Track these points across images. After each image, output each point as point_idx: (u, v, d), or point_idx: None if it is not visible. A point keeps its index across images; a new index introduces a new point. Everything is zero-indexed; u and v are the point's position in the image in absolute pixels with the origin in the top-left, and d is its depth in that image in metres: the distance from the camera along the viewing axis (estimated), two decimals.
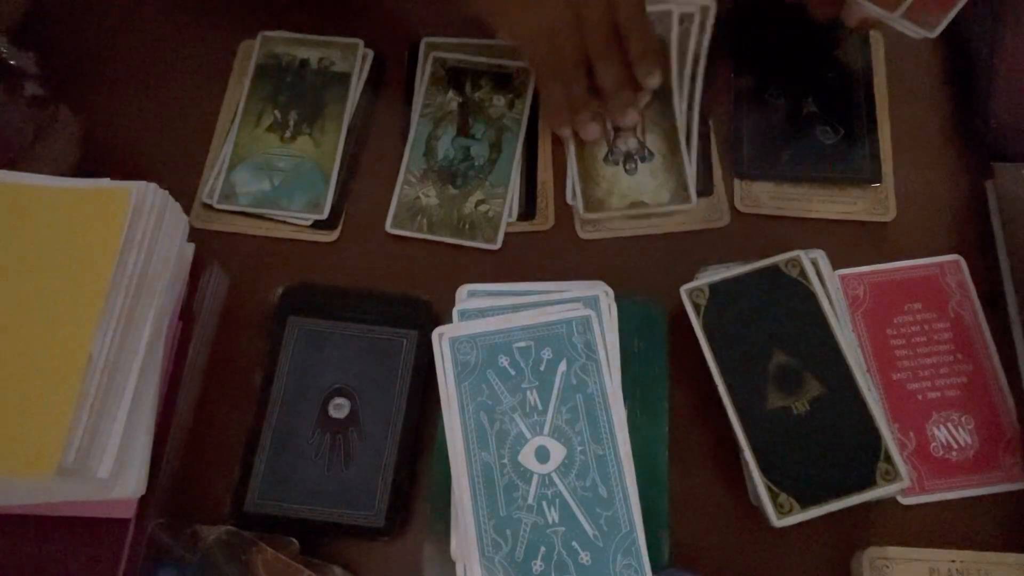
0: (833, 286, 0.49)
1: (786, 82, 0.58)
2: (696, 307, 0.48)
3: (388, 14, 0.62)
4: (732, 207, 0.56)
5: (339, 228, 0.56)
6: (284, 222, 0.56)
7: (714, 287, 0.49)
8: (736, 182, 0.57)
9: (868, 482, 0.45)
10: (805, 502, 0.44)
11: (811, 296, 0.48)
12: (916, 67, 0.60)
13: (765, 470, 0.45)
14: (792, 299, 0.48)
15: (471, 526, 0.43)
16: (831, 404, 0.46)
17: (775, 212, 0.56)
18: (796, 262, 0.48)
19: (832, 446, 0.45)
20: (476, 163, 0.57)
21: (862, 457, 0.45)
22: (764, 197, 0.56)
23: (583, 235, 0.56)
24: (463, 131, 0.58)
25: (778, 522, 0.44)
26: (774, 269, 0.48)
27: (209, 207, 0.56)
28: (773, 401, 0.46)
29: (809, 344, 0.47)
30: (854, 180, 0.56)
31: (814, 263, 0.49)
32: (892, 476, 0.45)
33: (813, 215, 0.56)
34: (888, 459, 0.45)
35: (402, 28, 0.61)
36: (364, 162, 0.58)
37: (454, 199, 0.56)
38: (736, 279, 0.49)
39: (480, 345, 0.46)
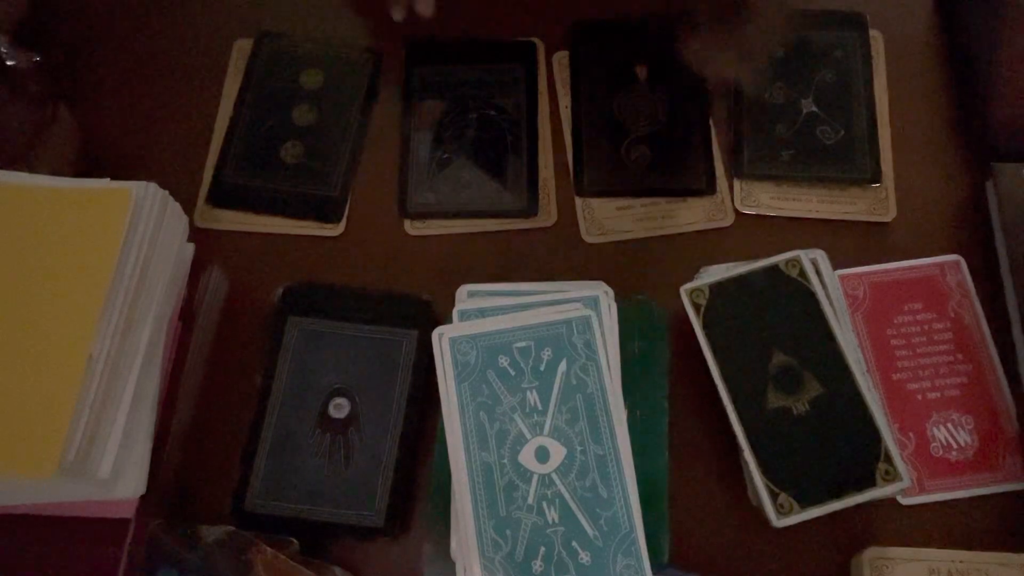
0: (833, 286, 0.49)
1: (786, 82, 0.58)
2: (696, 307, 0.48)
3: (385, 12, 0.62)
4: (733, 207, 0.56)
5: (343, 221, 0.56)
6: (287, 217, 0.56)
7: (714, 287, 0.49)
8: (736, 182, 0.57)
9: (868, 482, 0.45)
10: (805, 502, 0.45)
11: (811, 296, 0.48)
12: (916, 67, 0.60)
13: (765, 470, 0.45)
14: (792, 299, 0.48)
15: (471, 526, 0.43)
16: (831, 404, 0.46)
17: (775, 212, 0.56)
18: (796, 262, 0.48)
19: (832, 446, 0.45)
20: None
21: (862, 457, 0.45)
22: (764, 197, 0.56)
23: (588, 239, 0.56)
24: None
25: (778, 522, 0.44)
26: (774, 269, 0.48)
27: (210, 206, 0.56)
28: (773, 401, 0.46)
29: (809, 344, 0.47)
30: (854, 180, 0.56)
31: (814, 263, 0.49)
32: (892, 476, 0.45)
33: (813, 215, 0.56)
34: (888, 459, 0.45)
35: (400, 26, 0.61)
36: (368, 153, 0.58)
37: None
38: (736, 279, 0.49)
39: (480, 345, 0.46)
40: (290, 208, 0.56)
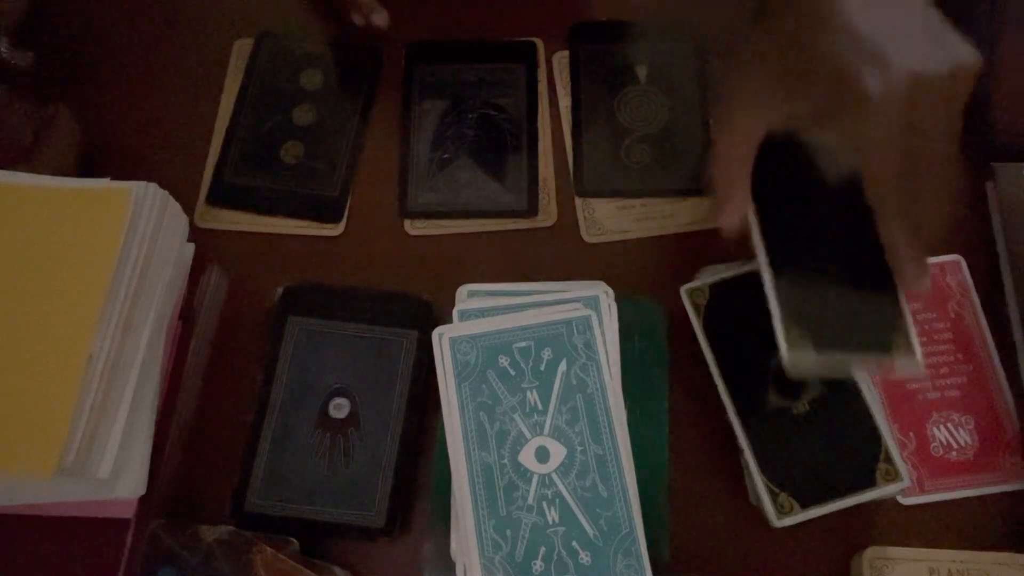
0: None
1: None
2: (696, 307, 0.48)
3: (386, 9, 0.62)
4: None
5: (344, 221, 0.56)
6: (287, 217, 0.56)
7: (714, 287, 0.49)
8: None
9: (868, 483, 0.45)
10: (805, 502, 0.44)
11: None
12: None
13: (765, 470, 0.45)
14: None
15: (471, 526, 0.43)
16: (832, 404, 0.46)
17: None
18: None
19: (832, 446, 0.45)
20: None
21: (862, 457, 0.45)
22: None
23: (588, 239, 0.56)
24: None
25: (778, 522, 0.44)
26: None
27: (210, 206, 0.56)
28: (773, 401, 0.46)
29: None
30: None
31: None
32: (892, 476, 0.45)
33: None
34: (888, 459, 0.45)
35: (401, 25, 0.61)
36: (368, 153, 0.58)
37: None
38: (737, 279, 0.49)
39: (480, 345, 0.46)
40: (290, 208, 0.56)
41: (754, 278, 0.48)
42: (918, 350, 0.43)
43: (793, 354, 0.42)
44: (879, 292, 0.44)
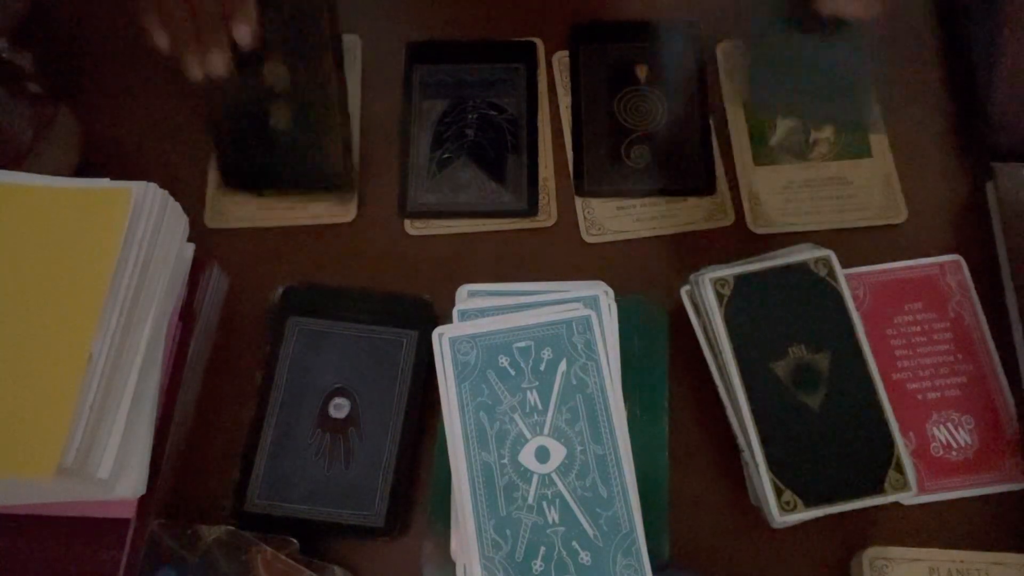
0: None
1: None
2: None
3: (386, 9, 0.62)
4: (733, 207, 0.56)
5: (355, 204, 0.56)
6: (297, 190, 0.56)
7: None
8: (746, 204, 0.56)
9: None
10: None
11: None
12: (916, 68, 0.60)
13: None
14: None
15: (471, 526, 0.43)
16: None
17: (784, 230, 0.55)
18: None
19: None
20: None
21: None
22: (774, 214, 0.56)
23: (588, 239, 0.56)
24: None
25: (780, 518, 0.44)
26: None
27: (220, 192, 0.56)
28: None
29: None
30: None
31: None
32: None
33: (824, 227, 0.55)
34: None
35: (401, 24, 0.61)
36: (368, 153, 0.58)
37: None
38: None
39: (480, 345, 0.46)
40: (296, 178, 0.56)
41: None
42: (913, 483, 0.45)
43: (785, 517, 0.44)
44: (870, 432, 0.46)
